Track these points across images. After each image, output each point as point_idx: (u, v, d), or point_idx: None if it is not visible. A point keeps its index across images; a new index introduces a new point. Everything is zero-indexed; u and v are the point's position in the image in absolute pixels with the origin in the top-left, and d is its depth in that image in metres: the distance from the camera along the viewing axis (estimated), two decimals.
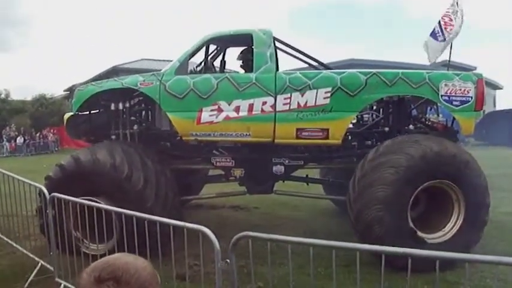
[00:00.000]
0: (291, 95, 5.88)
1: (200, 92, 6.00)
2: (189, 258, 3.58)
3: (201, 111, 6.01)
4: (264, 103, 5.92)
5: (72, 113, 6.55)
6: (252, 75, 6.00)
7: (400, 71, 5.91)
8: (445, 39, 7.22)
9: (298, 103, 5.88)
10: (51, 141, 30.40)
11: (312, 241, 2.98)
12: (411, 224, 5.30)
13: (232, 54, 7.55)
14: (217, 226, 4.17)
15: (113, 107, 6.52)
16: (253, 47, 6.18)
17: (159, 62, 42.87)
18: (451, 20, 7.15)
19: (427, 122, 6.63)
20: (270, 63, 6.04)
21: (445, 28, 7.23)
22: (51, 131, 31.35)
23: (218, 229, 3.47)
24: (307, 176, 6.99)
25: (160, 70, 6.33)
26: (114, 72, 37.90)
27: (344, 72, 5.94)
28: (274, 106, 5.90)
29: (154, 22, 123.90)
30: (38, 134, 30.73)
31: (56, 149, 29.85)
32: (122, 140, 6.51)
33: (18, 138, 29.30)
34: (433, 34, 7.32)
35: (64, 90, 45.73)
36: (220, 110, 5.99)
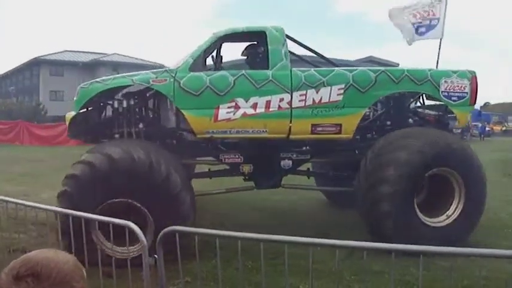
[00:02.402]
0: (306, 92, 6.06)
1: (217, 89, 5.95)
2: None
3: (218, 108, 5.97)
4: (281, 100, 6.03)
5: (74, 113, 6.16)
6: (269, 72, 6.06)
7: (406, 68, 6.34)
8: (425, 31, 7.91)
9: (313, 99, 6.07)
10: None
11: (240, 234, 3.01)
12: (416, 208, 5.77)
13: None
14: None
15: (116, 104, 6.23)
16: (267, 44, 6.22)
17: (84, 53, 40.74)
18: (426, 12, 7.82)
19: (421, 116, 7.15)
20: (285, 61, 6.15)
21: (421, 22, 7.90)
22: None
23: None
24: (308, 169, 7.23)
25: (86, 61, 6.19)
26: (36, 63, 35.29)
27: (355, 70, 6.23)
28: (290, 103, 6.04)
29: (77, 12, 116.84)
30: None
31: None
32: (128, 137, 6.23)
33: None
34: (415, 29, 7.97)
35: None
36: (237, 107, 5.99)
